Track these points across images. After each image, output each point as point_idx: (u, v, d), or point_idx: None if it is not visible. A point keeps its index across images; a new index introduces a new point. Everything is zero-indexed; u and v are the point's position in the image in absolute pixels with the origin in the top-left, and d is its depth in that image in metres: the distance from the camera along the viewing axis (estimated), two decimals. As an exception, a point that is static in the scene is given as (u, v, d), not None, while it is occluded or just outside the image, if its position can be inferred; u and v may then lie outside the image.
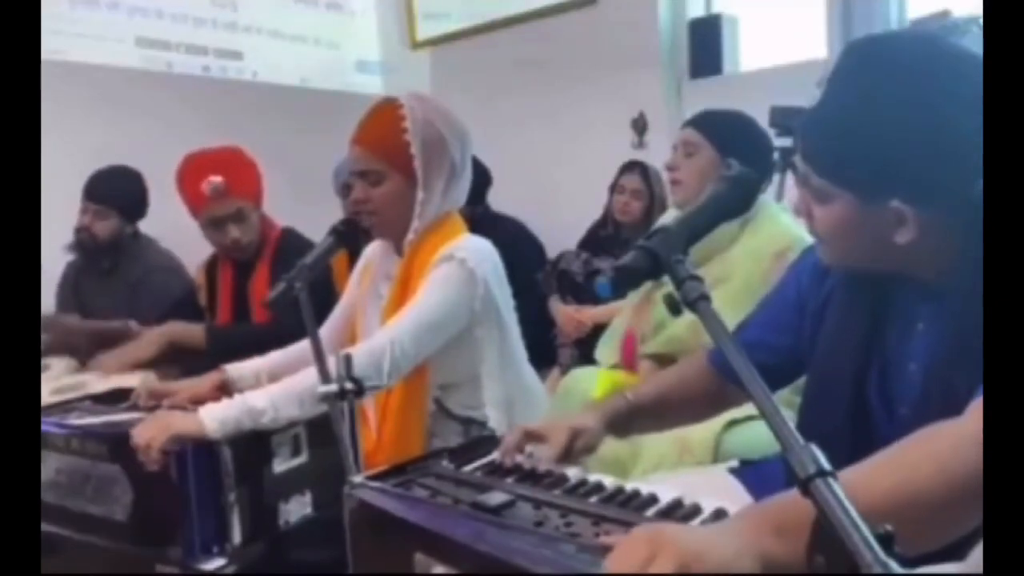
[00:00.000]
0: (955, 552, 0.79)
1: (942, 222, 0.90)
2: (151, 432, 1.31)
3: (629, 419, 1.21)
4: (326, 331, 1.81)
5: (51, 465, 1.43)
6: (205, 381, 1.72)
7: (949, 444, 0.78)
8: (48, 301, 2.63)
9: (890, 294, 1.02)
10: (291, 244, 2.26)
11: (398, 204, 1.62)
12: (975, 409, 0.80)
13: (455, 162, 1.64)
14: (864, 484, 0.75)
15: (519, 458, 1.09)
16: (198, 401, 1.54)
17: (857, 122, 0.91)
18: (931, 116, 0.87)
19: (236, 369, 1.74)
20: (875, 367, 1.01)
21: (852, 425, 1.00)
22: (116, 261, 2.58)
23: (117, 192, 2.58)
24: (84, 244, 2.56)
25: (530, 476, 1.04)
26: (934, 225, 0.90)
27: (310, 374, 1.35)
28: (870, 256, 0.97)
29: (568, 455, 1.09)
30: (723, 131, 1.92)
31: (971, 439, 0.75)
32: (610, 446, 1.26)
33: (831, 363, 1.05)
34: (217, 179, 2.16)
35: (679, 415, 1.27)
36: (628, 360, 2.04)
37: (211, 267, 2.42)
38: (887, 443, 0.81)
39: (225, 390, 1.65)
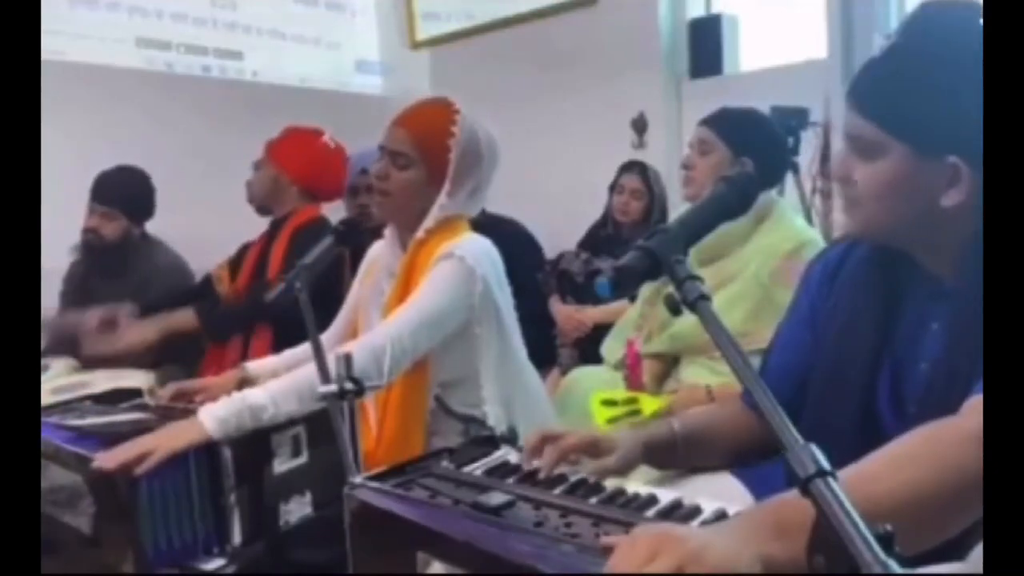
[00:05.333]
0: (954, 551, 0.79)
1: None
2: (134, 452, 1.25)
3: (671, 450, 1.13)
4: (335, 331, 1.82)
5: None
6: (227, 379, 1.74)
7: (949, 441, 0.78)
8: (51, 302, 2.63)
9: (900, 295, 1.01)
10: (318, 227, 2.37)
11: (413, 194, 1.65)
12: (974, 406, 0.80)
13: (483, 178, 1.69)
14: (864, 482, 0.76)
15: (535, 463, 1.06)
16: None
17: (928, 75, 0.91)
18: None
19: (256, 367, 1.78)
20: (886, 368, 1.01)
21: (860, 425, 1.00)
22: (124, 262, 2.59)
23: (124, 193, 2.59)
24: (91, 245, 2.57)
25: (530, 477, 1.04)
26: (979, 191, 0.89)
27: (308, 368, 1.35)
28: (909, 220, 0.95)
29: (564, 455, 1.04)
30: (736, 131, 1.92)
31: (970, 436, 0.75)
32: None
33: (841, 364, 1.04)
34: (274, 137, 2.56)
35: (722, 452, 1.18)
36: (634, 377, 2.02)
37: (238, 255, 2.57)
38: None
39: (246, 388, 1.65)
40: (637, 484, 1.00)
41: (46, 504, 1.38)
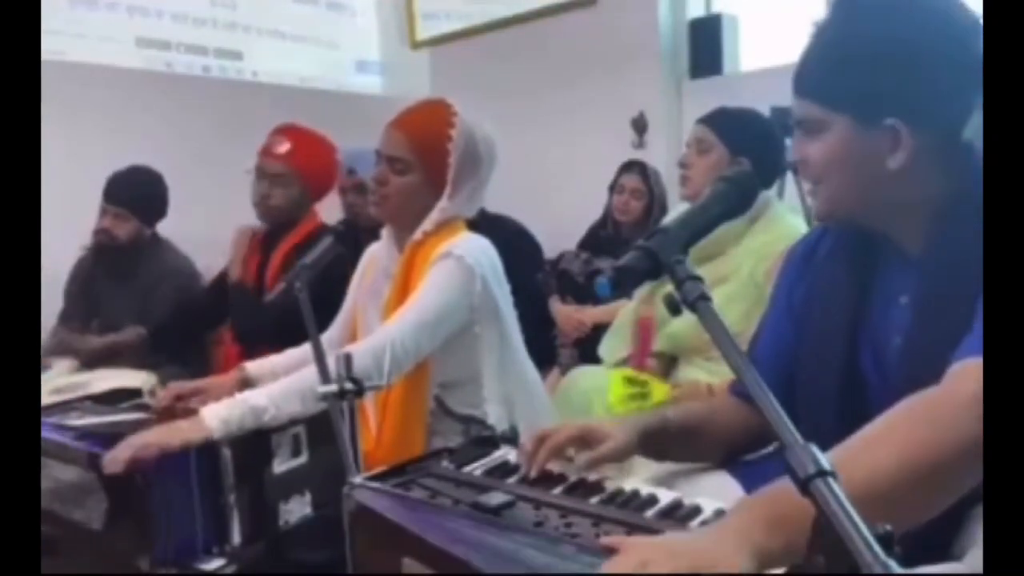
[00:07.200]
0: (953, 530, 0.79)
1: (929, 153, 0.94)
2: (139, 443, 1.27)
3: (666, 439, 1.12)
4: (334, 332, 1.82)
5: (46, 469, 1.42)
6: (227, 380, 1.73)
7: (940, 407, 0.78)
8: (52, 303, 2.62)
9: (873, 270, 1.03)
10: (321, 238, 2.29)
11: (412, 199, 1.64)
12: (961, 371, 0.81)
13: (483, 179, 1.68)
14: (860, 451, 0.77)
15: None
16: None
17: (852, 45, 0.95)
18: (924, 42, 0.92)
19: (255, 368, 1.76)
20: (867, 343, 1.01)
21: (846, 400, 1.00)
22: (134, 263, 2.59)
23: (136, 195, 2.58)
24: (103, 246, 2.57)
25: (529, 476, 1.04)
26: (922, 153, 0.93)
27: (310, 370, 1.35)
28: (863, 189, 0.98)
29: (556, 452, 1.04)
30: (735, 130, 1.93)
31: (962, 400, 0.76)
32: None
33: (821, 341, 1.05)
34: (286, 144, 2.32)
35: (718, 444, 1.16)
36: (641, 355, 2.02)
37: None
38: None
39: (246, 389, 1.65)
40: (637, 483, 1.00)
41: (53, 502, 1.38)
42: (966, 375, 0.79)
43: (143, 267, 2.59)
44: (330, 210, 2.90)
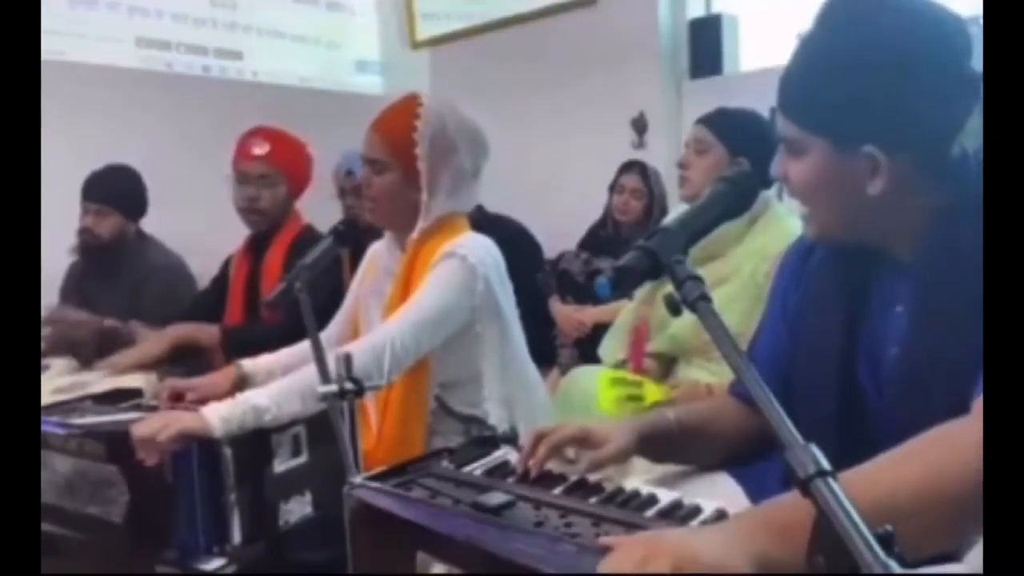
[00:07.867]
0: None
1: (913, 175, 0.92)
2: (156, 425, 1.31)
3: (667, 442, 1.11)
4: (334, 329, 1.82)
5: (49, 465, 1.43)
6: (222, 377, 1.73)
7: (955, 441, 0.77)
8: (51, 303, 2.62)
9: (870, 278, 1.02)
10: (310, 239, 2.26)
11: (395, 197, 1.64)
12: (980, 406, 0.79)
13: (463, 168, 1.66)
14: (867, 475, 0.75)
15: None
16: (217, 398, 1.54)
17: (836, 59, 0.93)
18: (913, 49, 0.90)
19: (251, 365, 1.75)
20: (863, 352, 1.01)
21: (844, 406, 0.99)
22: (120, 260, 2.57)
23: (115, 191, 2.57)
24: (87, 245, 2.56)
25: (530, 476, 1.04)
26: (905, 177, 0.92)
27: (310, 369, 1.35)
28: (844, 213, 0.97)
29: (556, 448, 1.04)
30: (734, 131, 1.93)
31: (979, 438, 0.74)
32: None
33: (816, 349, 1.04)
34: (266, 145, 2.30)
35: (719, 447, 1.15)
36: (637, 358, 2.02)
37: (227, 263, 2.47)
38: (881, 426, 0.80)
39: (242, 386, 1.65)
40: (637, 483, 1.00)
41: (65, 499, 1.38)
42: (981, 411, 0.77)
43: (129, 264, 2.56)
44: (330, 210, 2.90)
